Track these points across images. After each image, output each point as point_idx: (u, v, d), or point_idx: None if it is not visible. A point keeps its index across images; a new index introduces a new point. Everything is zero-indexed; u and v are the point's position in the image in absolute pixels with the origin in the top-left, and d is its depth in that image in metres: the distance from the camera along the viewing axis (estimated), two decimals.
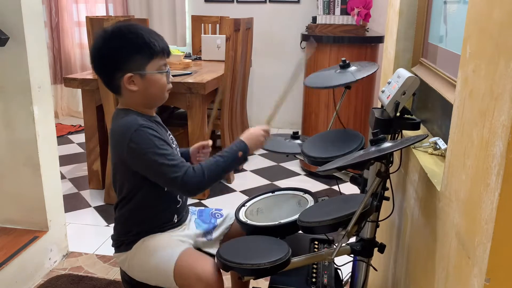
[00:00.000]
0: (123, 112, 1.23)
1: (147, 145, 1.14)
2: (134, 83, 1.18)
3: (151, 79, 1.19)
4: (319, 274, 1.29)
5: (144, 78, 1.19)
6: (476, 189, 0.72)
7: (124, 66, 1.17)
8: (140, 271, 1.26)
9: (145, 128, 1.16)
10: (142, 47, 1.17)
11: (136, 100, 1.22)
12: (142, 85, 1.19)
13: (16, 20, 1.80)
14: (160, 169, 1.14)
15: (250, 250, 1.14)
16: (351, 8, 3.12)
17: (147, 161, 1.14)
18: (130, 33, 1.17)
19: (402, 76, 1.14)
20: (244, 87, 3.52)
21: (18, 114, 1.91)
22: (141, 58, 1.17)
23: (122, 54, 1.17)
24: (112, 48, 1.18)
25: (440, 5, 1.35)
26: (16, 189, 1.99)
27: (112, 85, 1.22)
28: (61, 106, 4.78)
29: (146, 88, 1.20)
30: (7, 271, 1.80)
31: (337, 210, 1.06)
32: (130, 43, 1.17)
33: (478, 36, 0.76)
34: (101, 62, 1.21)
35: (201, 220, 1.42)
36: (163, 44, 1.21)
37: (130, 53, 1.17)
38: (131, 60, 1.17)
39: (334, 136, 1.36)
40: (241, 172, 3.31)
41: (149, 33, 1.19)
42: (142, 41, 1.16)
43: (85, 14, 4.40)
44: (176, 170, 1.13)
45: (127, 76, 1.17)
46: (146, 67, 1.18)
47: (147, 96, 1.22)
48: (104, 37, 1.18)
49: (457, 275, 0.79)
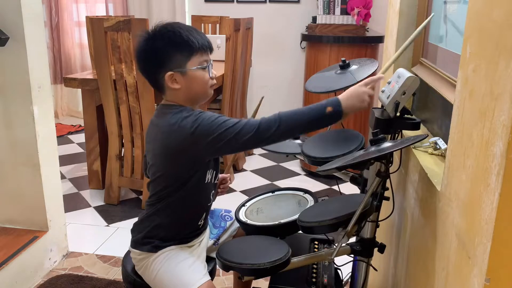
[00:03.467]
0: (169, 107, 1.22)
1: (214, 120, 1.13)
2: (176, 81, 1.19)
3: (193, 75, 1.19)
4: (319, 274, 1.29)
5: (186, 75, 1.19)
6: (476, 189, 0.72)
7: (165, 64, 1.18)
8: (154, 278, 1.24)
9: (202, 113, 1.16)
10: (180, 44, 1.17)
11: (180, 98, 1.22)
12: (184, 82, 1.19)
13: (16, 20, 1.80)
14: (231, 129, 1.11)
15: (250, 250, 1.14)
16: (351, 8, 3.12)
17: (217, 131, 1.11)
18: (168, 31, 1.18)
19: (402, 76, 1.14)
20: (244, 87, 3.51)
21: (18, 114, 1.91)
22: (180, 55, 1.18)
23: (162, 53, 1.18)
24: (152, 48, 1.19)
25: (440, 5, 1.35)
26: (16, 189, 1.99)
27: (157, 85, 1.22)
28: (61, 106, 4.78)
29: (188, 85, 1.20)
30: (7, 271, 1.80)
31: (337, 210, 1.06)
32: (169, 42, 1.17)
33: (478, 36, 0.76)
34: (144, 63, 1.23)
35: (212, 223, 1.43)
36: (203, 41, 1.21)
37: (169, 51, 1.18)
38: (171, 58, 1.18)
39: (334, 136, 1.36)
40: (241, 172, 3.31)
41: (188, 30, 1.19)
42: (180, 39, 1.17)
43: (85, 14, 4.39)
44: (244, 122, 1.13)
45: (168, 74, 1.18)
46: (186, 64, 1.18)
47: (190, 93, 1.22)
48: (145, 38, 1.20)
49: (457, 275, 0.79)
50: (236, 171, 3.32)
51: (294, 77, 4.28)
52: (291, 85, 4.30)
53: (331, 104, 1.11)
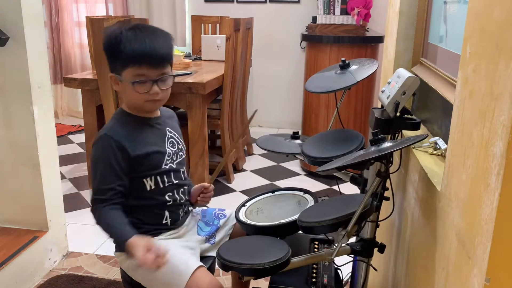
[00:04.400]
0: (117, 112, 1.29)
1: (95, 155, 1.22)
2: (117, 83, 1.23)
3: (125, 86, 1.21)
4: (319, 274, 1.29)
5: (121, 83, 1.22)
6: (476, 189, 0.72)
7: (110, 65, 1.23)
8: (144, 275, 1.24)
9: (109, 139, 1.20)
10: (117, 52, 1.18)
11: (124, 100, 1.28)
12: (121, 88, 1.23)
13: (16, 20, 1.80)
14: (92, 180, 1.23)
15: (250, 250, 1.14)
16: (351, 8, 3.12)
17: (91, 167, 1.23)
18: (118, 33, 1.19)
19: (402, 76, 1.14)
20: (244, 87, 3.51)
21: (18, 114, 1.91)
22: (119, 62, 1.20)
23: (106, 52, 1.22)
24: (103, 42, 1.22)
25: (440, 5, 1.35)
26: (16, 189, 1.99)
27: None
28: (61, 106, 4.78)
29: (123, 93, 1.24)
30: (7, 271, 1.80)
31: (337, 210, 1.06)
32: (110, 44, 1.20)
33: (478, 36, 0.76)
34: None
35: (204, 222, 1.42)
36: (151, 54, 1.17)
37: (110, 54, 1.22)
38: (111, 61, 1.22)
39: (334, 136, 1.36)
40: (241, 172, 3.32)
41: (139, 40, 1.17)
42: (120, 47, 1.17)
43: (85, 14, 4.39)
44: (95, 194, 1.22)
45: (110, 75, 1.24)
46: (121, 72, 1.20)
47: (127, 100, 1.27)
48: (107, 31, 1.23)
49: (457, 275, 0.79)
50: (236, 171, 3.32)
51: (294, 77, 4.28)
52: (291, 85, 4.30)
53: (121, 240, 1.16)
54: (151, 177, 1.26)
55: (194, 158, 2.75)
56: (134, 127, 1.26)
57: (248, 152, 3.72)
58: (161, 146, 1.29)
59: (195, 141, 2.73)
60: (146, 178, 1.25)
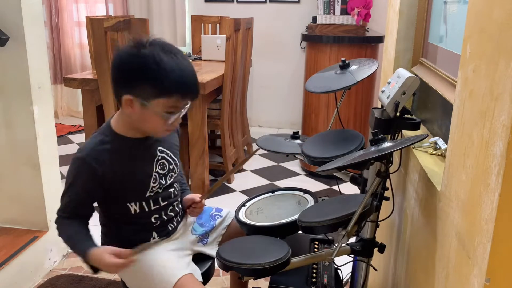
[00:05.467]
0: (104, 129, 1.19)
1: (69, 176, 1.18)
2: (132, 106, 1.09)
3: (150, 115, 1.09)
4: (319, 274, 1.29)
5: (145, 108, 1.09)
6: (476, 189, 0.72)
7: (131, 86, 1.08)
8: (132, 280, 1.23)
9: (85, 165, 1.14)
10: (160, 79, 1.06)
11: (128, 120, 1.15)
12: (139, 114, 1.10)
13: (16, 20, 1.80)
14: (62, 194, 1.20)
15: (250, 250, 1.14)
16: (351, 8, 3.12)
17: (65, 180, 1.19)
18: (156, 57, 1.05)
19: (402, 76, 1.14)
20: (244, 87, 3.51)
21: (18, 114, 1.91)
22: (151, 90, 1.07)
23: (135, 74, 1.07)
24: (130, 62, 1.08)
25: (440, 5, 1.35)
26: (16, 189, 1.99)
27: (115, 94, 1.14)
28: (61, 106, 4.78)
29: (142, 118, 1.12)
30: (7, 271, 1.80)
31: (337, 210, 1.06)
32: (148, 69, 1.05)
33: (478, 36, 0.76)
34: (114, 69, 1.12)
35: (200, 224, 1.39)
36: (188, 87, 1.09)
37: (143, 78, 1.07)
38: (140, 86, 1.07)
39: (334, 136, 1.36)
40: (241, 172, 3.32)
41: (180, 68, 1.07)
42: (162, 74, 1.05)
43: (85, 14, 4.40)
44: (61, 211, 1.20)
45: (127, 98, 1.08)
46: (151, 100, 1.07)
47: (139, 125, 1.15)
48: (133, 47, 1.08)
49: (457, 275, 0.79)
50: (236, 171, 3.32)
51: (294, 77, 4.28)
52: (291, 85, 4.30)
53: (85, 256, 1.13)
54: (135, 202, 1.20)
55: (194, 158, 2.75)
56: (121, 154, 1.16)
57: (248, 152, 3.72)
58: (148, 171, 1.20)
59: (195, 141, 2.73)
60: (130, 203, 1.20)
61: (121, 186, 1.18)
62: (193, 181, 2.80)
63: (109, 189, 1.17)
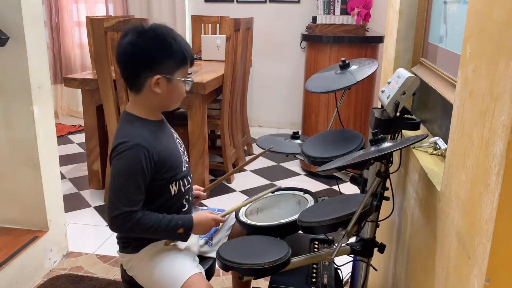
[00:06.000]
0: (131, 118, 1.22)
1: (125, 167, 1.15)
2: (159, 86, 1.17)
3: (176, 85, 1.20)
4: (319, 274, 1.29)
5: (170, 83, 1.18)
6: (476, 189, 0.72)
7: (154, 67, 1.16)
8: (144, 277, 1.25)
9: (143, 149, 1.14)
10: (177, 52, 1.17)
11: (153, 102, 1.21)
12: (166, 89, 1.19)
13: (16, 20, 1.80)
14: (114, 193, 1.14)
15: (250, 250, 1.14)
16: (351, 8, 3.12)
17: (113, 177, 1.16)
18: (168, 36, 1.16)
19: (402, 76, 1.14)
20: (244, 87, 3.51)
21: (18, 114, 1.91)
22: (173, 63, 1.18)
23: (157, 54, 1.16)
24: (148, 46, 1.16)
25: (440, 5, 1.35)
26: (16, 189, 1.99)
27: (134, 82, 1.19)
28: (61, 106, 4.78)
29: (169, 93, 1.20)
30: (7, 271, 1.80)
31: (337, 210, 1.06)
32: (168, 46, 1.16)
33: (478, 36, 0.76)
34: (131, 58, 1.17)
35: None
36: (192, 54, 1.23)
37: (165, 55, 1.17)
38: (163, 63, 1.17)
39: (334, 136, 1.36)
40: (241, 172, 3.32)
41: (183, 40, 1.21)
42: (178, 47, 1.17)
43: (85, 14, 4.40)
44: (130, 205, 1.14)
45: (156, 78, 1.16)
46: (174, 73, 1.18)
47: (165, 100, 1.22)
48: (141, 33, 1.16)
49: (457, 275, 0.79)
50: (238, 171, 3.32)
51: (294, 77, 4.28)
52: (291, 85, 4.30)
53: (184, 227, 1.19)
54: (175, 182, 1.24)
55: (194, 158, 2.75)
56: (156, 135, 1.22)
57: (248, 152, 3.72)
58: (176, 149, 1.27)
59: (195, 141, 2.73)
60: (171, 183, 1.23)
61: (165, 165, 1.21)
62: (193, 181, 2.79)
63: (157, 172, 1.19)
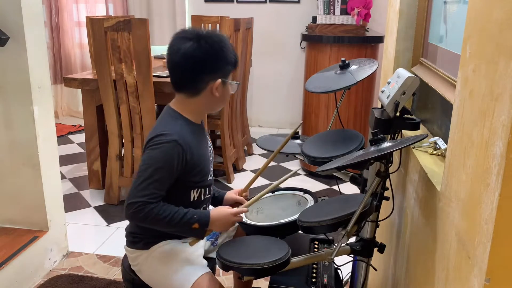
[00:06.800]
0: (175, 114, 1.23)
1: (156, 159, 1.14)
2: (218, 89, 1.22)
3: (228, 89, 1.25)
4: (319, 274, 1.29)
5: (225, 87, 1.24)
6: (476, 189, 0.72)
7: (218, 71, 1.21)
8: (151, 274, 1.25)
9: (178, 147, 1.15)
10: (232, 57, 1.23)
11: (205, 105, 1.25)
12: (222, 93, 1.23)
13: (16, 20, 1.80)
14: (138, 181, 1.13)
15: (250, 250, 1.14)
16: (351, 8, 3.12)
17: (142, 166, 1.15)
18: (226, 42, 1.22)
19: (402, 76, 1.14)
20: (244, 87, 3.52)
21: (18, 114, 1.91)
22: (230, 67, 1.23)
23: (220, 60, 1.21)
24: (212, 52, 1.19)
25: (440, 5, 1.35)
26: (16, 189, 1.99)
27: (192, 86, 1.21)
28: (61, 106, 4.78)
29: (223, 96, 1.24)
30: (7, 271, 1.80)
31: (337, 210, 1.06)
32: (226, 52, 1.21)
33: (478, 36, 0.76)
34: (196, 62, 1.18)
35: None
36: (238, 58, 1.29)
37: (225, 60, 1.21)
38: (225, 68, 1.22)
39: (334, 136, 1.36)
40: (241, 172, 3.32)
41: (232, 46, 1.27)
42: (232, 52, 1.23)
43: (85, 14, 4.40)
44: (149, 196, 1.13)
45: (219, 81, 1.20)
46: (229, 77, 1.24)
47: (218, 103, 1.28)
48: (203, 39, 1.18)
49: (457, 275, 0.79)
50: (236, 171, 3.32)
51: (294, 77, 4.28)
52: (291, 85, 4.30)
53: (199, 222, 1.17)
54: (198, 189, 1.24)
55: None
56: (195, 137, 1.23)
57: (248, 152, 3.72)
58: (207, 155, 1.28)
59: None
60: (194, 188, 1.23)
61: (195, 169, 1.21)
62: None
63: (185, 172, 1.19)
